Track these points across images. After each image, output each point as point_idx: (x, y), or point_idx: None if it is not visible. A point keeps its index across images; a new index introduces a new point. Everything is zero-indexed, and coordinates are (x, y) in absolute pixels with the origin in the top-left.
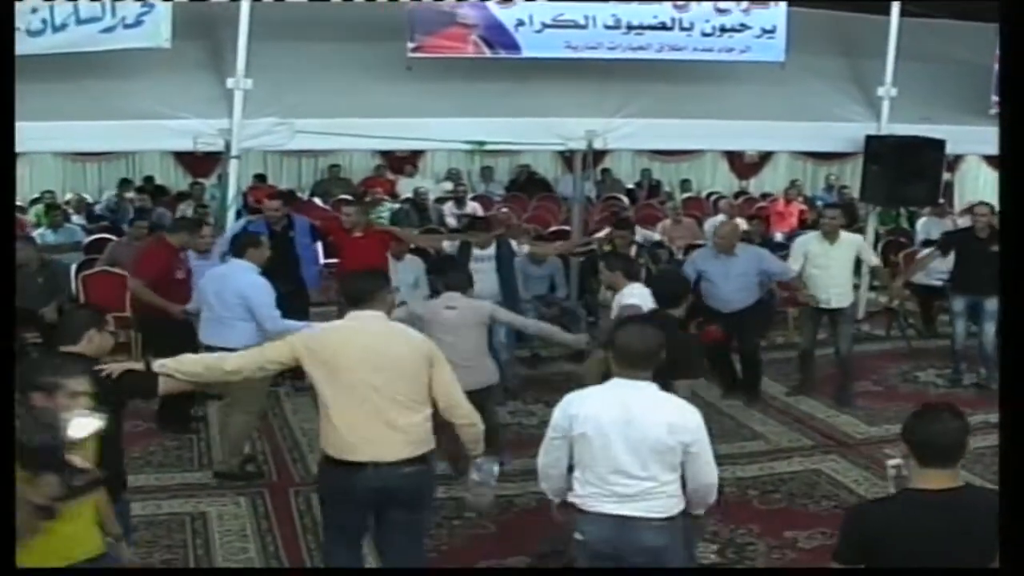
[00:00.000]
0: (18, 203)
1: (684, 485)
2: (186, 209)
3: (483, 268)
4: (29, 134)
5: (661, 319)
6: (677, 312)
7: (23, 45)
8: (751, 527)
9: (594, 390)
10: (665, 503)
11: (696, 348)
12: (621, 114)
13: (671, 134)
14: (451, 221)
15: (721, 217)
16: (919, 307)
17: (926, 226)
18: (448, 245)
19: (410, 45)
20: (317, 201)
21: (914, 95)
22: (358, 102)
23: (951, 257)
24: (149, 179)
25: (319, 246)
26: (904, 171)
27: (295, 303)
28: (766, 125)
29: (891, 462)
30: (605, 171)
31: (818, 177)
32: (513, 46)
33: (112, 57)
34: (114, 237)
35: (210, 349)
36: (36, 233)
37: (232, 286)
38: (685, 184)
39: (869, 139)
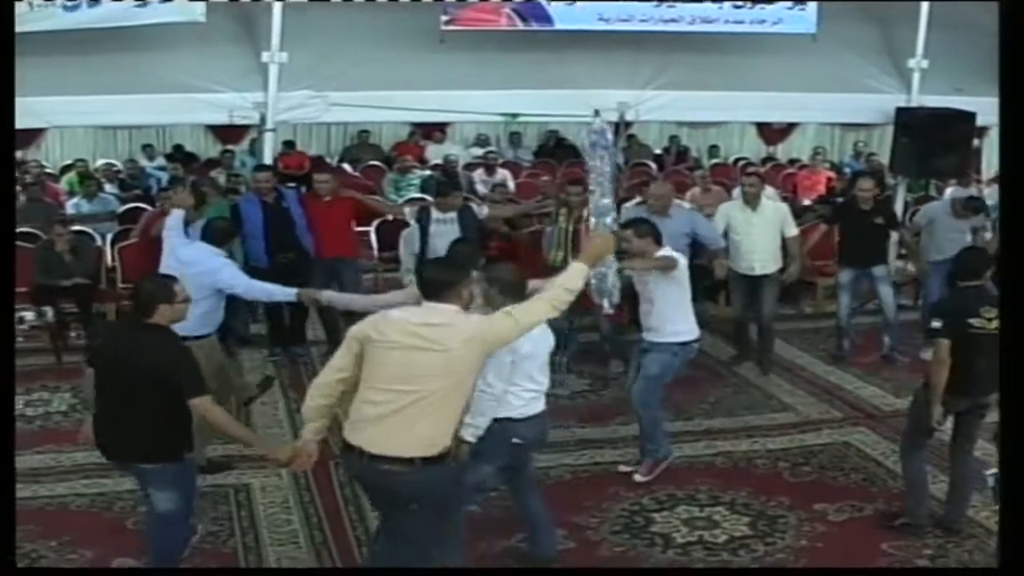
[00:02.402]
0: (49, 171)
1: None
2: (217, 176)
3: (444, 231)
4: (65, 107)
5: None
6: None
7: (59, 19)
8: (782, 500)
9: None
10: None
11: None
12: (653, 86)
13: (702, 106)
14: (480, 188)
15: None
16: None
17: (954, 195)
18: (408, 211)
19: (444, 18)
20: (347, 167)
21: (946, 66)
22: (392, 74)
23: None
24: (178, 147)
25: None
26: (934, 143)
27: (299, 270)
28: (797, 97)
29: (989, 472)
30: (631, 137)
31: (846, 143)
32: (546, 18)
33: (147, 31)
34: (148, 207)
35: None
36: (71, 203)
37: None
38: (713, 150)
39: (899, 111)
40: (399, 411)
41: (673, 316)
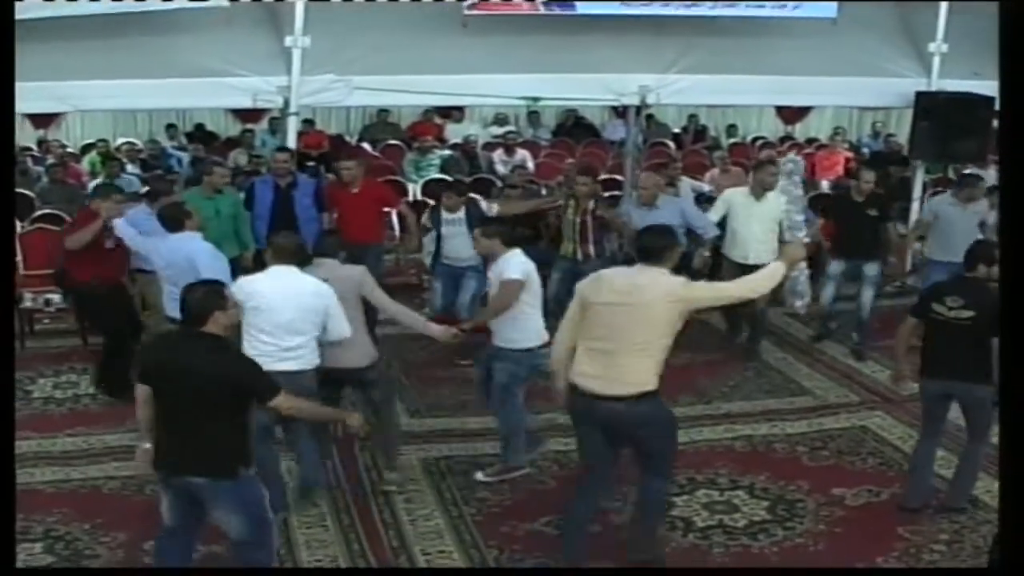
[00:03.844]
0: (70, 150)
1: None
2: (238, 157)
3: (455, 232)
4: (91, 92)
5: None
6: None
7: (83, 5)
8: (800, 484)
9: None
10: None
11: None
12: (674, 70)
13: (723, 89)
14: (500, 168)
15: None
16: None
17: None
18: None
19: (466, 2)
20: (366, 146)
21: (966, 49)
22: (414, 58)
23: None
24: (199, 127)
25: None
26: (954, 127)
27: None
28: (817, 80)
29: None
30: (650, 117)
31: (864, 123)
32: (568, 3)
33: (171, 16)
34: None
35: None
36: (93, 184)
37: (182, 253)
38: (731, 129)
39: (919, 95)
40: (613, 358)
41: (515, 323)
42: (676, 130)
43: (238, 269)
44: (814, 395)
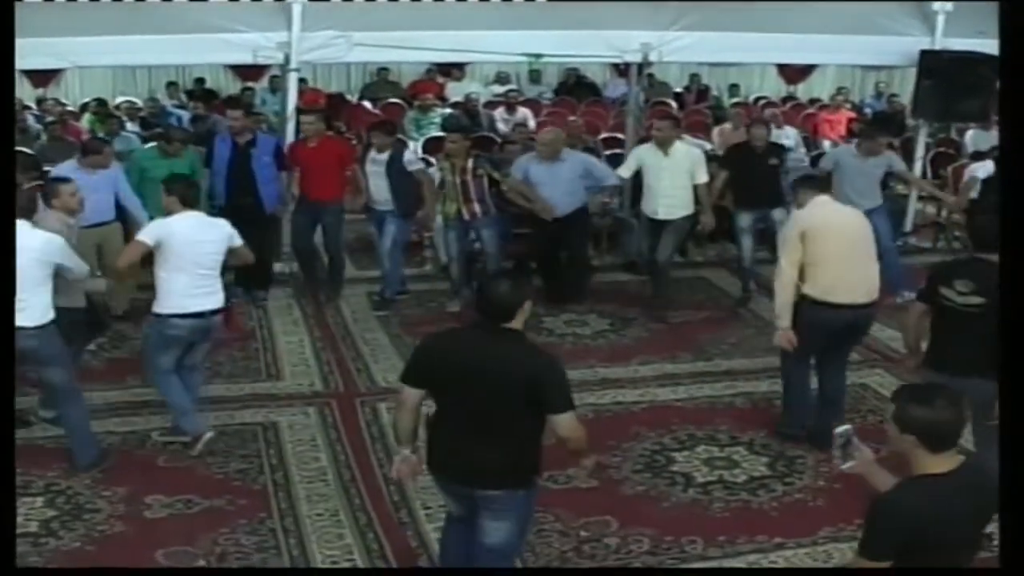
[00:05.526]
0: (71, 108)
1: None
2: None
3: (375, 171)
4: (87, 48)
5: None
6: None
7: None
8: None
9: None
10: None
11: None
12: (676, 27)
13: (725, 47)
14: (501, 127)
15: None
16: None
17: (974, 138)
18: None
19: None
20: (366, 104)
21: (970, 8)
22: (414, 14)
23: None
24: (200, 81)
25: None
26: (957, 87)
27: (251, 216)
28: (821, 39)
29: (839, 429)
30: (650, 76)
31: (867, 83)
32: None
33: None
34: None
35: None
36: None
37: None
38: (733, 89)
39: (923, 54)
40: (856, 271)
41: (161, 289)
42: (678, 90)
43: None
44: None
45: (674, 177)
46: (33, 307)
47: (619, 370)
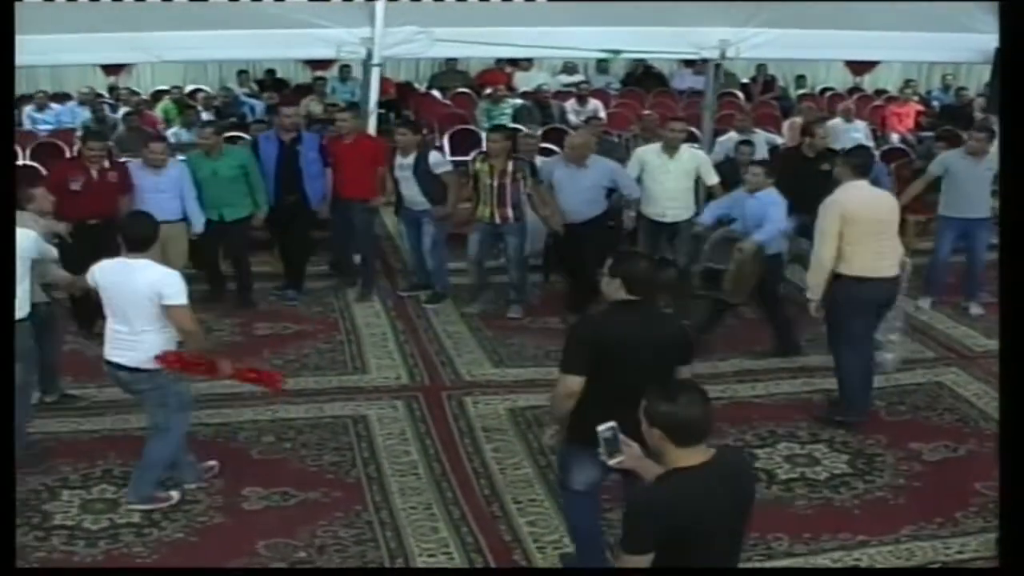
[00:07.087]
0: (143, 97)
1: None
2: (311, 104)
3: (404, 176)
4: (176, 43)
5: None
6: None
7: None
8: (879, 438)
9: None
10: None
11: None
12: (752, 24)
13: (801, 44)
14: (572, 118)
15: (838, 120)
16: None
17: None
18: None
19: None
20: (435, 94)
21: None
22: (491, 10)
23: None
24: (270, 72)
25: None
26: None
27: (297, 212)
28: (894, 36)
29: (602, 427)
30: (717, 66)
31: (933, 76)
32: None
33: None
34: (245, 135)
35: None
36: (170, 132)
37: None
38: (800, 80)
39: (999, 51)
40: (885, 248)
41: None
42: (744, 80)
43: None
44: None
45: (679, 179)
46: None
47: (701, 365)
